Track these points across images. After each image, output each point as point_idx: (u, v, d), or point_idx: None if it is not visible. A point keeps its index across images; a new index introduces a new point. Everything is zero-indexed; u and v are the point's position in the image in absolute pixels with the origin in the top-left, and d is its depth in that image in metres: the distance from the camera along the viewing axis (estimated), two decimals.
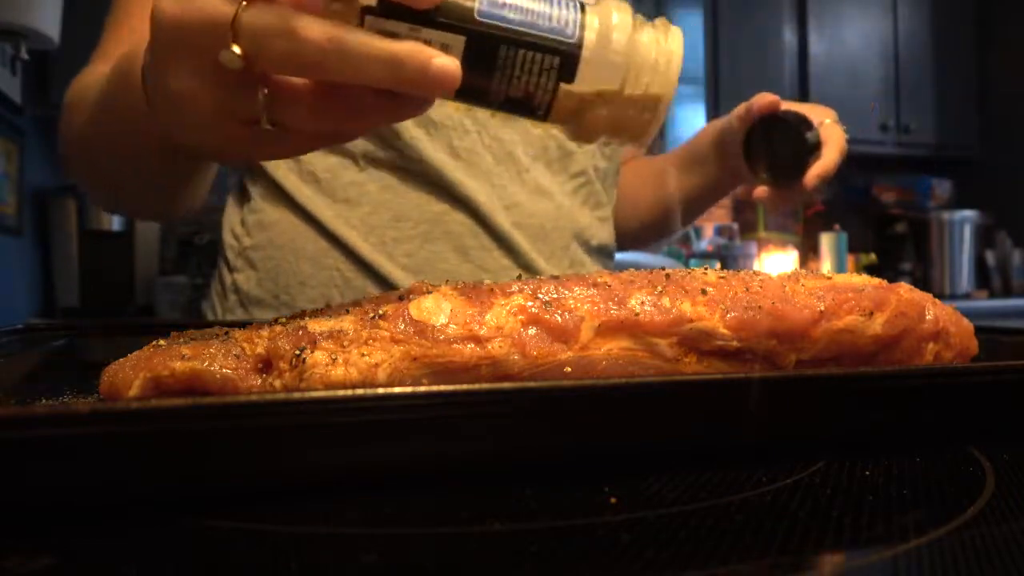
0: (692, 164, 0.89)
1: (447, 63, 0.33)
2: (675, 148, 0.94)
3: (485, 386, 0.31)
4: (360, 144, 0.74)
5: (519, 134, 0.77)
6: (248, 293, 0.78)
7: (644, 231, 0.99)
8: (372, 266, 0.74)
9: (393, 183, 0.74)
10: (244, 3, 0.33)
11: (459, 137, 0.74)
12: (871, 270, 2.99)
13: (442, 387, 0.29)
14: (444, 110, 0.73)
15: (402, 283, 0.72)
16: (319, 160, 0.75)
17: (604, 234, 0.85)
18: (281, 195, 0.76)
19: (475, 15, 0.34)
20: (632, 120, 0.38)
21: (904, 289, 0.41)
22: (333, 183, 0.75)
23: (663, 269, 0.41)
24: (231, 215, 0.82)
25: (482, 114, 0.74)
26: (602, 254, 0.86)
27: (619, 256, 0.92)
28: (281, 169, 0.76)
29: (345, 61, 0.33)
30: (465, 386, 0.30)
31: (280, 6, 0.33)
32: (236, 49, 0.33)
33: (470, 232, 0.75)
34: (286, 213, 0.76)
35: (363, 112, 0.36)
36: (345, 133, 0.39)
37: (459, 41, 0.34)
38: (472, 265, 0.75)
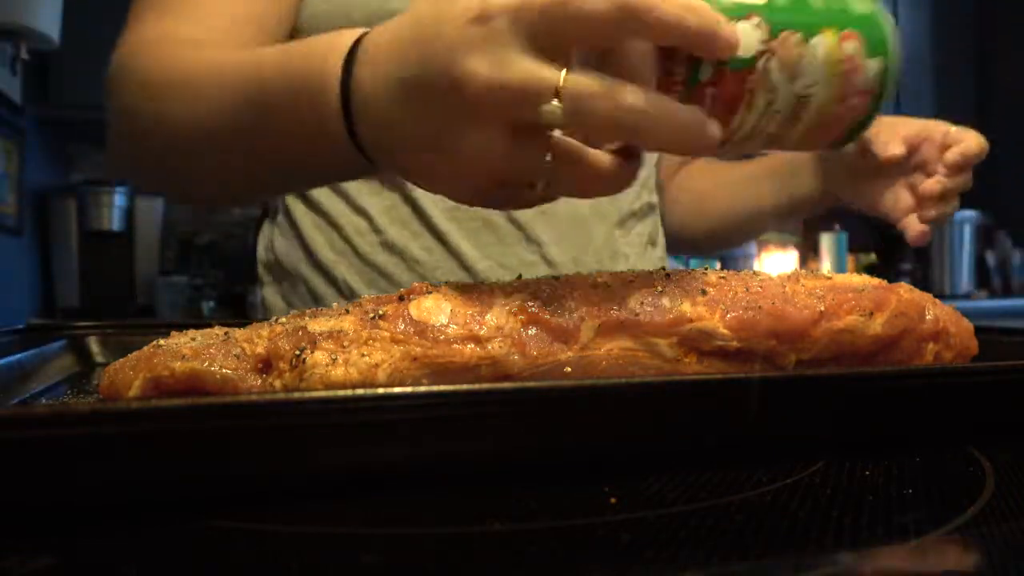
0: (781, 175, 0.83)
1: (715, 128, 0.36)
2: (761, 157, 0.88)
3: (485, 386, 0.31)
4: None
5: None
6: (272, 306, 0.80)
7: (710, 237, 0.94)
8: (383, 271, 0.73)
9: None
10: (565, 70, 0.34)
11: None
12: (871, 270, 2.99)
13: (442, 387, 0.29)
14: None
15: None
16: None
17: (649, 222, 0.83)
18: (303, 204, 0.77)
19: None
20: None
21: (904, 289, 0.41)
22: (351, 184, 0.74)
23: (663, 269, 0.41)
24: (265, 231, 0.84)
25: None
26: (646, 244, 0.82)
27: None
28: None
29: (660, 126, 0.34)
30: (465, 386, 0.30)
31: (602, 75, 0.34)
32: (557, 104, 0.33)
33: (487, 225, 0.73)
34: (305, 221, 0.76)
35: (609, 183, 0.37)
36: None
37: None
38: (491, 261, 0.73)
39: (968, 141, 0.67)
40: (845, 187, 0.75)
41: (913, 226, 0.69)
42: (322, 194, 0.75)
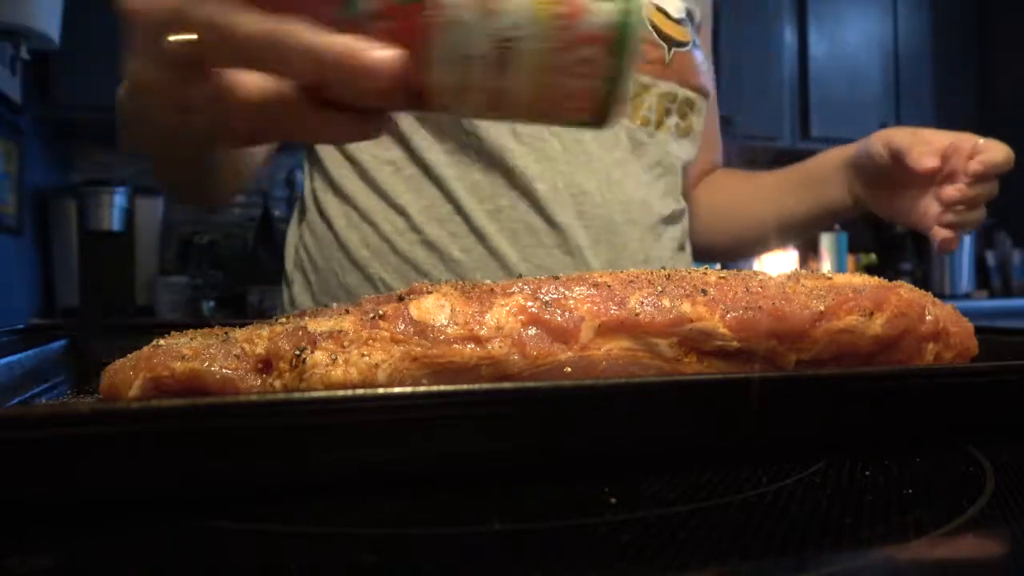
0: (809, 185, 0.85)
1: (382, 53, 0.33)
2: (791, 167, 0.89)
3: (485, 386, 0.31)
4: (418, 134, 0.74)
5: None
6: (302, 304, 0.80)
7: (734, 246, 0.96)
8: (421, 269, 0.74)
9: (454, 174, 0.73)
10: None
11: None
12: (871, 270, 2.99)
13: (442, 387, 0.29)
14: None
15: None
16: (375, 159, 0.75)
17: (678, 229, 0.83)
18: (338, 201, 0.77)
19: None
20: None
21: (904, 289, 0.41)
22: (388, 182, 0.75)
23: (663, 269, 0.41)
24: (292, 232, 0.85)
25: None
26: (676, 250, 0.83)
27: None
28: (340, 170, 0.77)
29: (278, 53, 0.33)
30: (465, 386, 0.30)
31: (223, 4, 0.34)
32: (180, 37, 0.34)
33: (527, 228, 0.73)
34: (339, 220, 0.77)
35: (304, 126, 0.37)
36: (285, 137, 0.41)
37: None
38: (531, 264, 0.73)
39: (993, 151, 0.69)
40: (877, 197, 0.78)
41: (939, 233, 0.71)
42: (359, 191, 0.76)
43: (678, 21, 0.80)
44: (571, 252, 0.74)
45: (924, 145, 0.71)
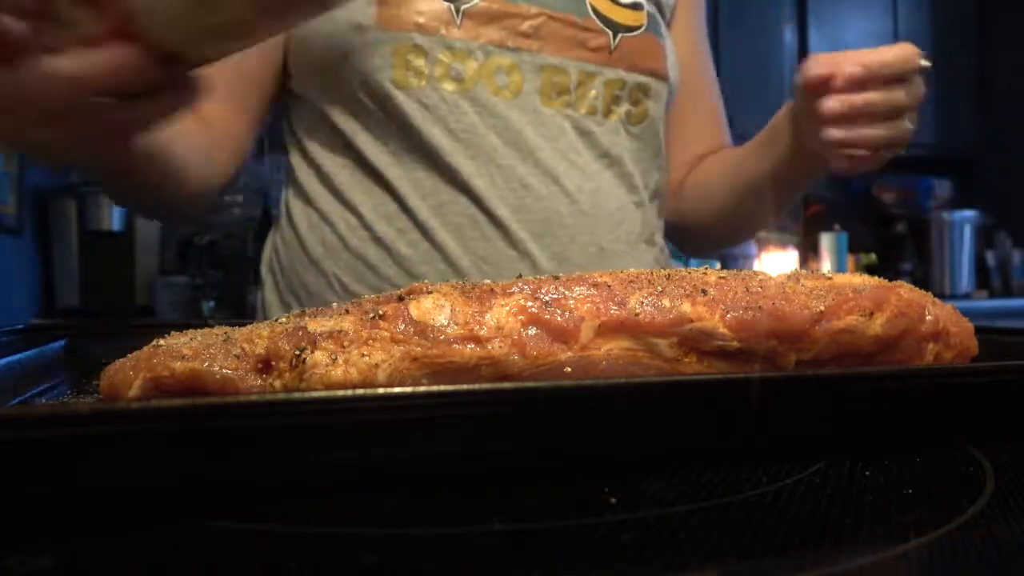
0: (767, 142, 0.81)
1: (110, 52, 0.38)
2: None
3: (485, 386, 0.31)
4: (360, 137, 0.76)
5: (528, 115, 0.75)
6: (269, 304, 0.83)
7: (722, 225, 0.93)
8: (370, 264, 0.76)
9: (398, 173, 0.75)
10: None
11: (456, 119, 0.74)
12: (871, 270, 2.99)
13: (442, 387, 0.29)
14: (438, 93, 0.73)
15: (397, 283, 0.73)
16: (333, 162, 0.78)
17: (637, 220, 0.82)
18: (303, 205, 0.80)
19: None
20: None
21: (904, 289, 0.41)
22: (345, 184, 0.77)
23: (663, 269, 0.41)
24: (270, 236, 0.87)
25: (484, 95, 0.74)
26: (637, 242, 0.82)
27: None
28: (307, 176, 0.80)
29: (53, 97, 0.39)
30: (465, 386, 0.30)
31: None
32: None
33: (470, 222, 0.75)
34: (302, 223, 0.80)
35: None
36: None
37: None
38: (474, 256, 0.74)
39: (879, 51, 0.64)
40: (812, 136, 0.72)
41: (830, 154, 0.67)
42: (320, 194, 0.79)
43: (629, 6, 0.80)
44: (513, 244, 0.75)
45: (825, 60, 0.65)
